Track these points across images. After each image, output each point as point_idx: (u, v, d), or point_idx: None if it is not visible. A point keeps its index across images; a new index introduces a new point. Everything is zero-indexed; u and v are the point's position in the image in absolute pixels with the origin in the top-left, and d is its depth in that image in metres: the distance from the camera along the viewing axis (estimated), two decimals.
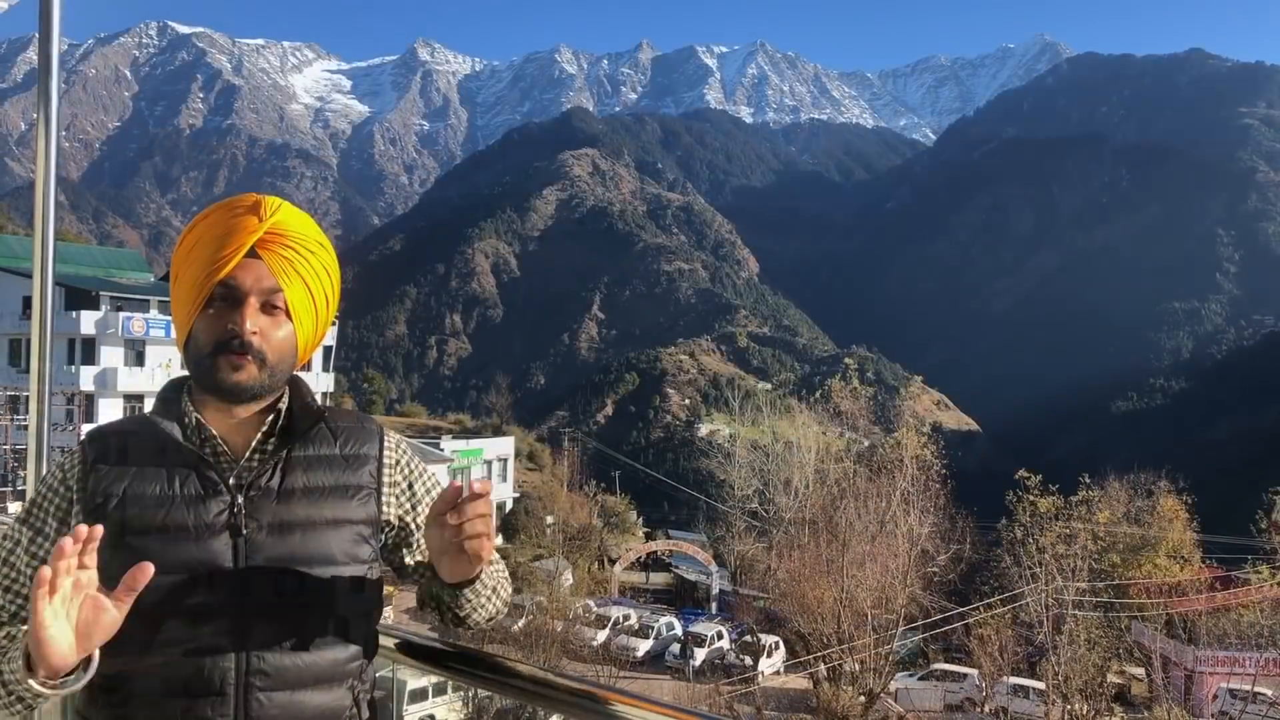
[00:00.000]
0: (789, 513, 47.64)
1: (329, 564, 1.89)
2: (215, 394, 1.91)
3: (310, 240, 1.95)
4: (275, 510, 1.88)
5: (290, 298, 1.91)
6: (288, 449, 1.95)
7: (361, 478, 2.00)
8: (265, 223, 1.87)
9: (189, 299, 1.89)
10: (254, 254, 1.87)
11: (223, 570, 1.82)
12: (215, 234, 1.87)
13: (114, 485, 1.87)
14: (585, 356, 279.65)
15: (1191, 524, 43.74)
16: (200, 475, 1.88)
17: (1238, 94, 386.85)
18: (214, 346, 1.87)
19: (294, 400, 2.01)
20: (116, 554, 1.77)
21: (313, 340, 2.02)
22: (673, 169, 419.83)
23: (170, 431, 1.91)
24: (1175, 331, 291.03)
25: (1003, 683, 32.58)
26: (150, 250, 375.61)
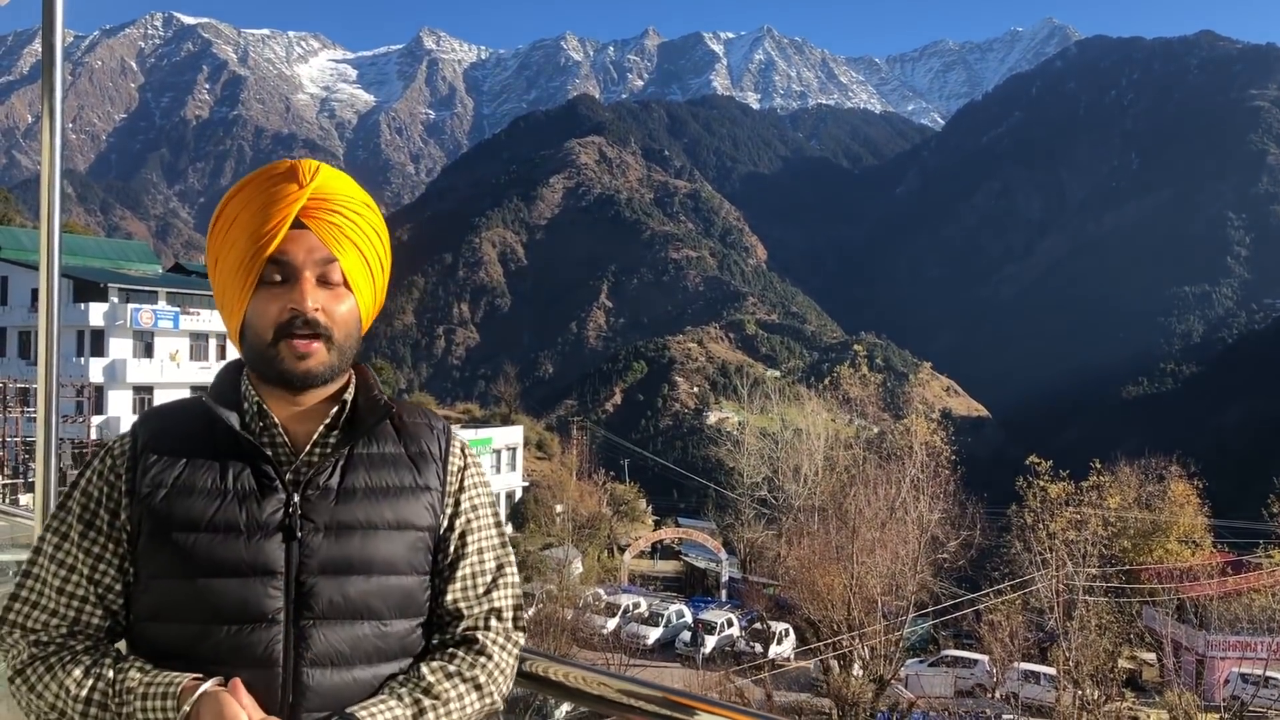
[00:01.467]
0: (798, 500, 47.65)
1: (389, 572, 1.77)
2: (283, 385, 1.78)
3: (355, 202, 1.80)
4: (334, 511, 1.75)
5: (346, 267, 1.76)
6: (351, 445, 1.82)
7: (427, 479, 1.87)
8: (307, 188, 1.72)
9: (236, 283, 1.74)
10: (299, 224, 1.72)
11: (274, 575, 1.71)
12: (254, 207, 1.72)
13: (164, 474, 1.75)
14: (593, 345, 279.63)
15: (1202, 509, 43.61)
16: (256, 469, 1.76)
17: (1248, 76, 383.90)
18: (275, 331, 1.73)
19: (360, 392, 1.87)
20: (161, 550, 1.71)
21: (373, 310, 1.88)
22: (680, 156, 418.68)
23: (227, 419, 1.77)
24: (1185, 316, 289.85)
25: (1013, 668, 32.55)
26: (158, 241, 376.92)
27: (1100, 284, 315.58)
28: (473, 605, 1.88)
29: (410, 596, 1.80)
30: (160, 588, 1.72)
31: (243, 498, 1.73)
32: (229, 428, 1.77)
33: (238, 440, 1.77)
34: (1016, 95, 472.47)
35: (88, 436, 45.92)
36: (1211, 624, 35.85)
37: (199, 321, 57.43)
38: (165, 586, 1.72)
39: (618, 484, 70.48)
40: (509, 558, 1.97)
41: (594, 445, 78.18)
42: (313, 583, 1.71)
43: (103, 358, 53.32)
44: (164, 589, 1.72)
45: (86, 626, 1.76)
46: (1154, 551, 40.88)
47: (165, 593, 1.72)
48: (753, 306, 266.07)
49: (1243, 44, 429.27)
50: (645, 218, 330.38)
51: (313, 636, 1.70)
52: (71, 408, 47.03)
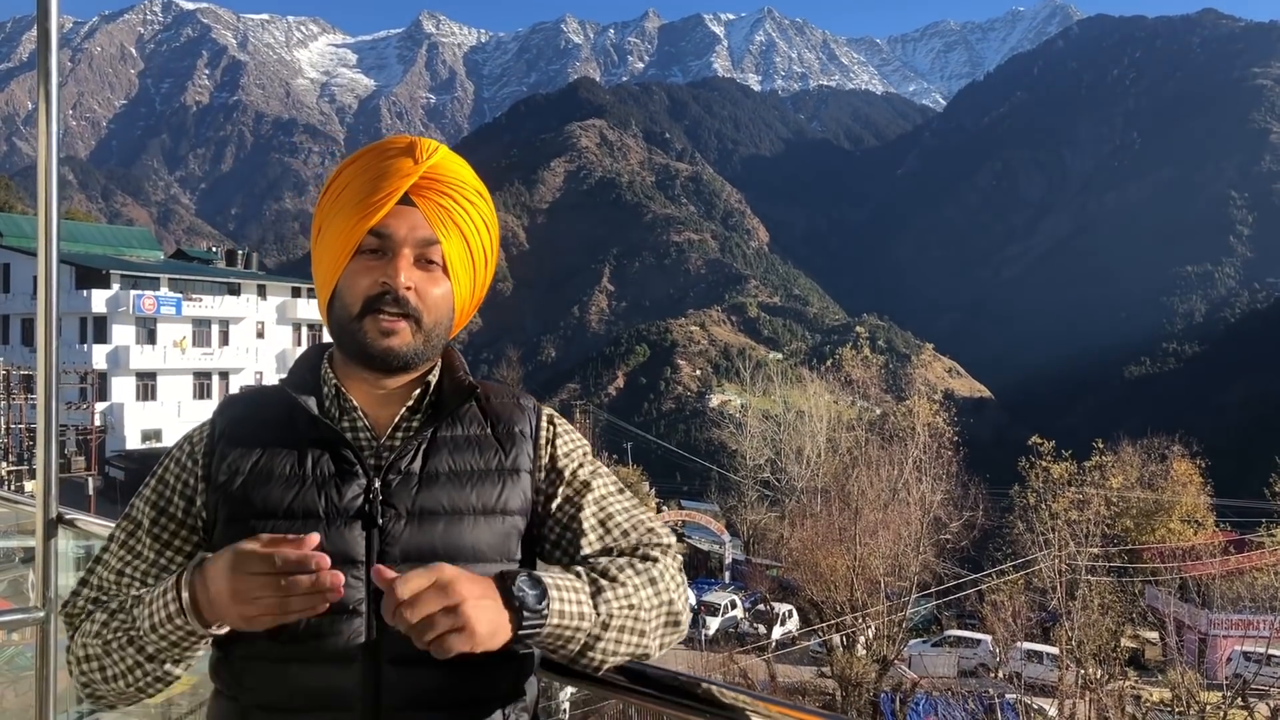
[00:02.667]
0: (801, 482, 47.70)
1: (476, 559, 1.67)
2: (363, 362, 1.72)
3: (469, 188, 1.78)
4: (416, 497, 1.69)
5: (448, 251, 1.73)
6: (434, 428, 1.76)
7: (517, 460, 1.78)
8: (421, 165, 1.70)
9: (334, 251, 1.71)
10: (408, 201, 1.69)
11: (354, 563, 1.64)
12: (366, 178, 1.69)
13: (241, 461, 1.71)
14: (595, 329, 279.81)
15: (1205, 488, 43.65)
16: (335, 454, 1.71)
17: (1251, 54, 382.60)
18: (363, 304, 1.68)
19: (444, 374, 1.82)
20: (239, 538, 1.58)
21: (470, 304, 1.84)
22: (681, 139, 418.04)
23: (305, 404, 1.74)
24: (1188, 295, 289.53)
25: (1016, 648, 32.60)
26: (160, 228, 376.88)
27: (1102, 263, 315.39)
28: (618, 541, 1.77)
29: (526, 571, 1.64)
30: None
31: (322, 484, 1.68)
32: (308, 413, 1.73)
33: (317, 425, 1.73)
34: (1018, 75, 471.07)
35: (91, 423, 46.03)
36: (1214, 603, 35.91)
37: (201, 308, 57.46)
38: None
39: (621, 467, 70.52)
40: (639, 504, 1.87)
41: (597, 429, 78.18)
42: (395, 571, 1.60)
43: (105, 344, 53.41)
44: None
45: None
46: (1156, 531, 40.96)
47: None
48: (755, 289, 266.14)
49: (1245, 22, 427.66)
50: (647, 200, 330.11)
51: (393, 633, 1.54)
52: (74, 394, 47.13)
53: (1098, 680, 27.48)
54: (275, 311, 62.30)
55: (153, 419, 54.55)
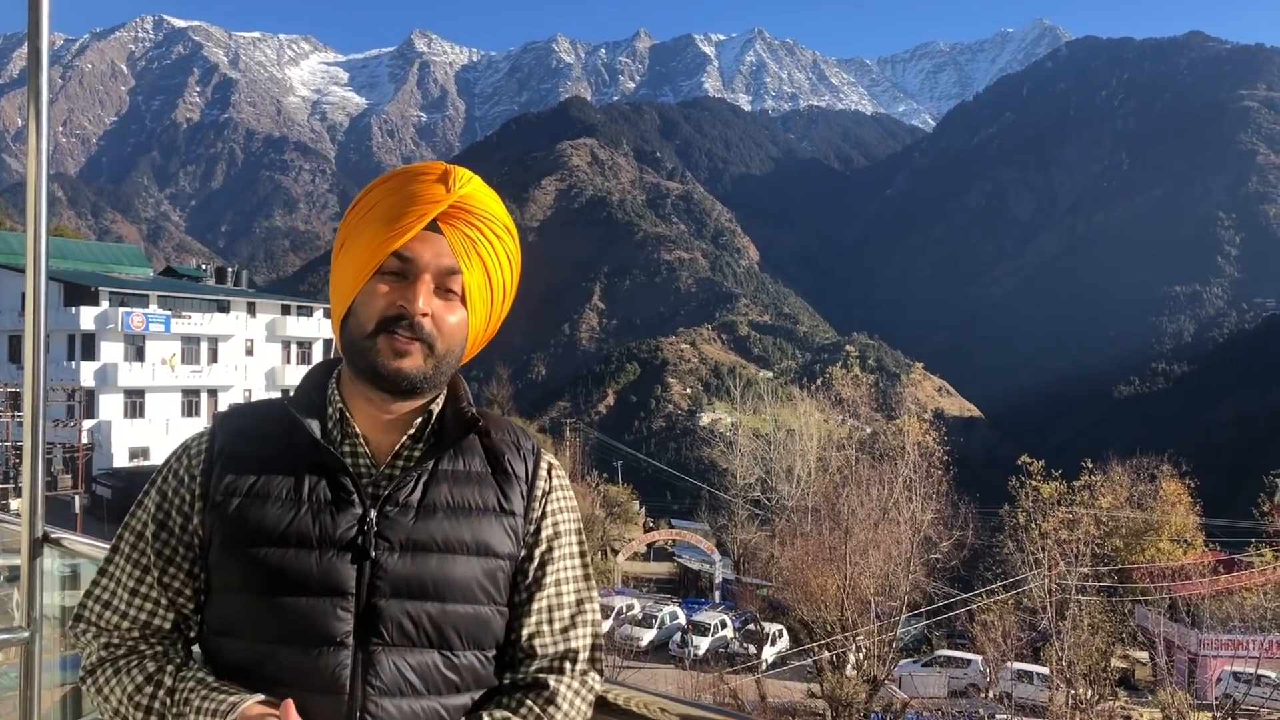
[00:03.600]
0: (791, 501, 47.62)
1: (465, 600, 1.69)
2: (372, 381, 1.70)
3: (498, 222, 1.77)
4: (411, 529, 1.68)
5: (469, 281, 1.72)
6: (434, 460, 1.74)
7: (512, 502, 1.78)
8: (453, 194, 1.69)
9: (356, 268, 1.69)
10: (434, 228, 1.69)
11: (344, 595, 1.64)
12: (396, 199, 1.69)
13: (239, 481, 1.70)
14: (586, 347, 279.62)
15: (1194, 508, 43.74)
16: (333, 481, 1.70)
17: (1237, 76, 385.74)
18: (377, 324, 1.67)
19: (448, 404, 1.81)
20: (232, 562, 1.67)
21: (483, 335, 1.84)
22: (672, 158, 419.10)
23: (308, 425, 1.72)
24: (1176, 315, 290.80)
25: (1006, 668, 32.59)
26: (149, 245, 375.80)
27: (1091, 284, 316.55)
28: (547, 644, 1.79)
29: (484, 627, 1.72)
30: (229, 602, 1.69)
31: (317, 511, 1.67)
32: (309, 435, 1.71)
33: (317, 449, 1.71)
34: (1007, 96, 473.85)
35: (78, 441, 45.76)
36: (1203, 623, 35.90)
37: (190, 325, 57.27)
38: (234, 601, 1.68)
39: (611, 486, 70.46)
40: (590, 592, 1.88)
41: (587, 447, 78.11)
42: (384, 605, 1.65)
43: (94, 361, 53.16)
44: (233, 604, 1.68)
45: (158, 631, 1.74)
46: (1146, 550, 40.98)
47: (234, 608, 1.68)
48: (745, 307, 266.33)
49: (1231, 44, 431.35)
50: (637, 219, 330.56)
51: (380, 663, 1.64)
52: (62, 412, 46.83)
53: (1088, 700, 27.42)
54: (264, 329, 62.13)
55: (141, 437, 54.29)
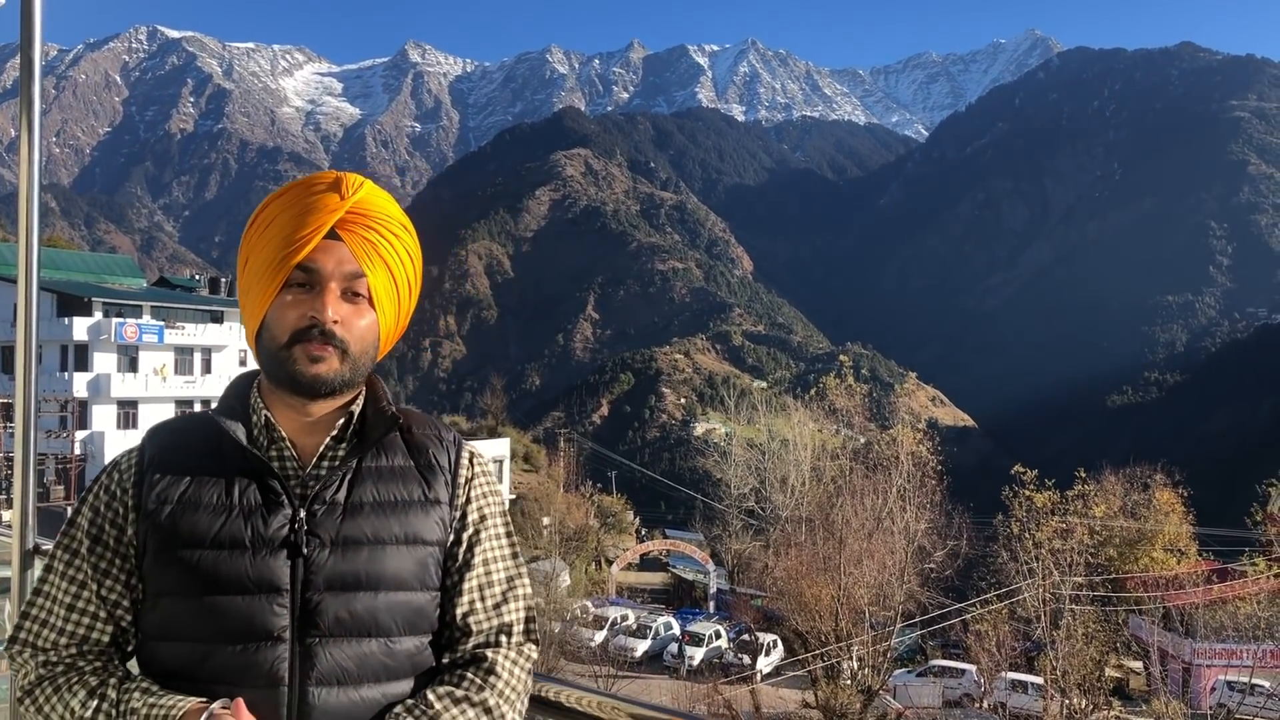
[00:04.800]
0: (786, 511, 47.60)
1: (398, 588, 1.75)
2: (291, 389, 1.75)
3: (394, 222, 1.80)
4: (340, 526, 1.73)
5: (374, 284, 1.76)
6: (358, 458, 1.80)
7: (437, 492, 1.84)
8: (347, 201, 1.72)
9: (262, 284, 1.73)
10: (334, 235, 1.72)
11: (279, 592, 1.69)
12: (292, 213, 1.72)
13: (170, 490, 1.74)
14: (580, 357, 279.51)
15: (1188, 517, 43.73)
16: (262, 484, 1.74)
17: (1229, 87, 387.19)
18: (291, 336, 1.71)
19: (368, 404, 1.86)
20: (167, 567, 1.71)
21: (394, 332, 1.88)
22: (665, 168, 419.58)
23: (234, 432, 1.76)
24: (1169, 325, 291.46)
25: (1001, 678, 32.55)
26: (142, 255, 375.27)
27: (1084, 293, 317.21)
28: (482, 621, 1.85)
29: (419, 613, 1.78)
30: (166, 606, 1.71)
31: (248, 513, 1.71)
32: (236, 442, 1.75)
33: (245, 455, 1.75)
34: (999, 106, 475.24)
35: (71, 452, 45.65)
36: (1197, 632, 35.92)
37: (184, 336, 57.15)
38: (171, 604, 1.70)
39: (605, 496, 70.42)
40: (520, 569, 1.94)
41: (581, 457, 78.10)
42: (318, 599, 1.69)
43: (86, 372, 52.98)
44: (170, 607, 1.71)
45: (96, 644, 1.75)
46: (1140, 560, 40.97)
47: (171, 611, 1.70)
48: (739, 317, 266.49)
49: (1223, 55, 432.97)
50: (631, 229, 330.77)
51: (319, 654, 1.68)
52: (55, 423, 46.73)
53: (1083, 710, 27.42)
54: None
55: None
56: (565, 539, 55.80)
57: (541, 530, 57.67)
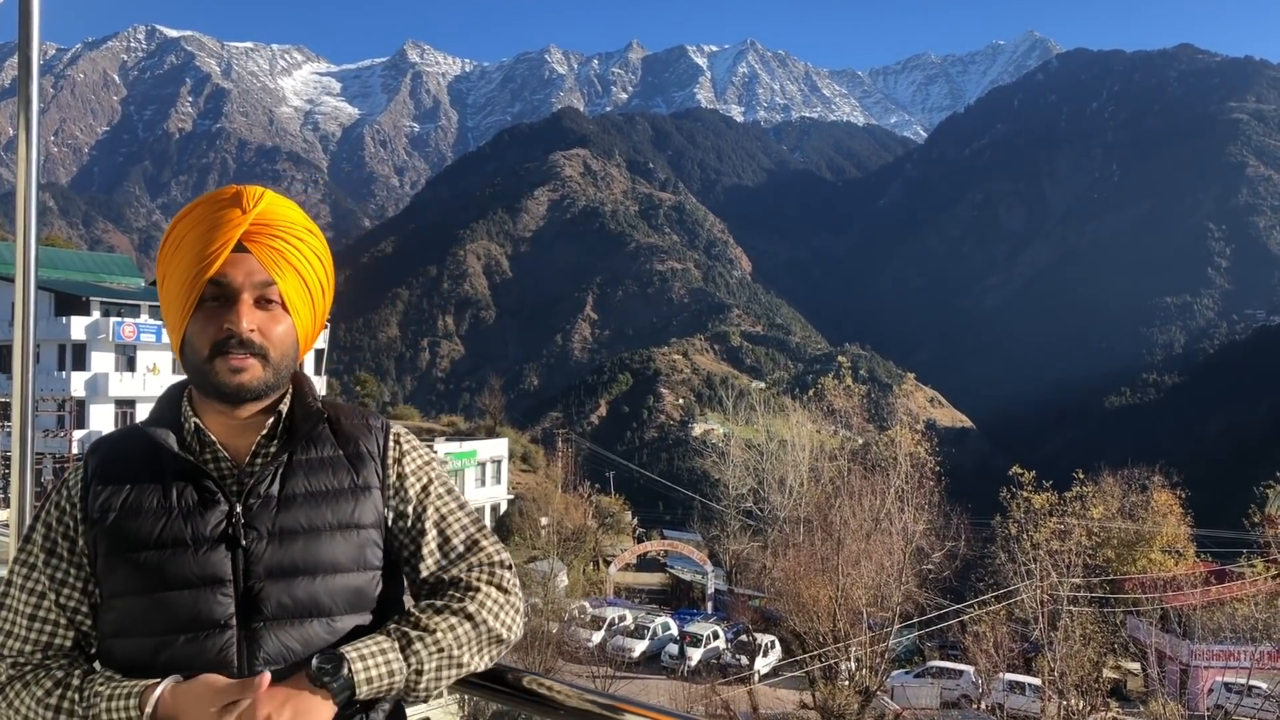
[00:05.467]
0: (784, 511, 47.63)
1: (335, 571, 1.83)
2: (219, 398, 1.83)
3: (298, 228, 1.85)
4: (276, 518, 1.82)
5: (285, 290, 1.82)
6: (289, 453, 1.88)
7: (367, 478, 1.92)
8: (250, 214, 1.78)
9: (179, 301, 1.81)
10: (241, 248, 1.78)
11: (223, 583, 1.77)
12: (199, 231, 1.78)
13: (113, 498, 1.82)
14: (578, 357, 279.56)
15: (1185, 518, 43.73)
16: (198, 485, 1.83)
17: (1227, 89, 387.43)
18: (211, 349, 1.78)
19: (295, 401, 1.94)
20: (116, 570, 1.78)
21: (312, 332, 1.93)
22: (664, 168, 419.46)
23: (165, 440, 1.84)
24: (1167, 326, 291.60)
25: (999, 679, 32.54)
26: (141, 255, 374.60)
27: (1082, 294, 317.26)
28: (451, 567, 1.93)
29: (359, 593, 1.85)
30: (120, 605, 1.79)
31: (187, 513, 1.79)
32: (169, 448, 1.83)
33: (178, 459, 1.83)
34: (998, 107, 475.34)
35: (69, 451, 45.58)
36: (1195, 633, 35.92)
37: None
38: (124, 604, 1.78)
39: (603, 496, 70.32)
40: (478, 520, 2.01)
41: (579, 457, 78.08)
42: (260, 587, 1.77)
43: (84, 371, 52.94)
44: (123, 606, 1.79)
45: (60, 650, 1.83)
46: (1138, 561, 40.98)
47: (124, 610, 1.79)
48: (737, 318, 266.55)
49: (1221, 57, 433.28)
50: (630, 230, 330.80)
51: (264, 638, 1.77)
52: (52, 422, 46.67)
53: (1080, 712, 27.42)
54: None
55: None
56: (563, 539, 55.72)
57: (539, 530, 57.63)
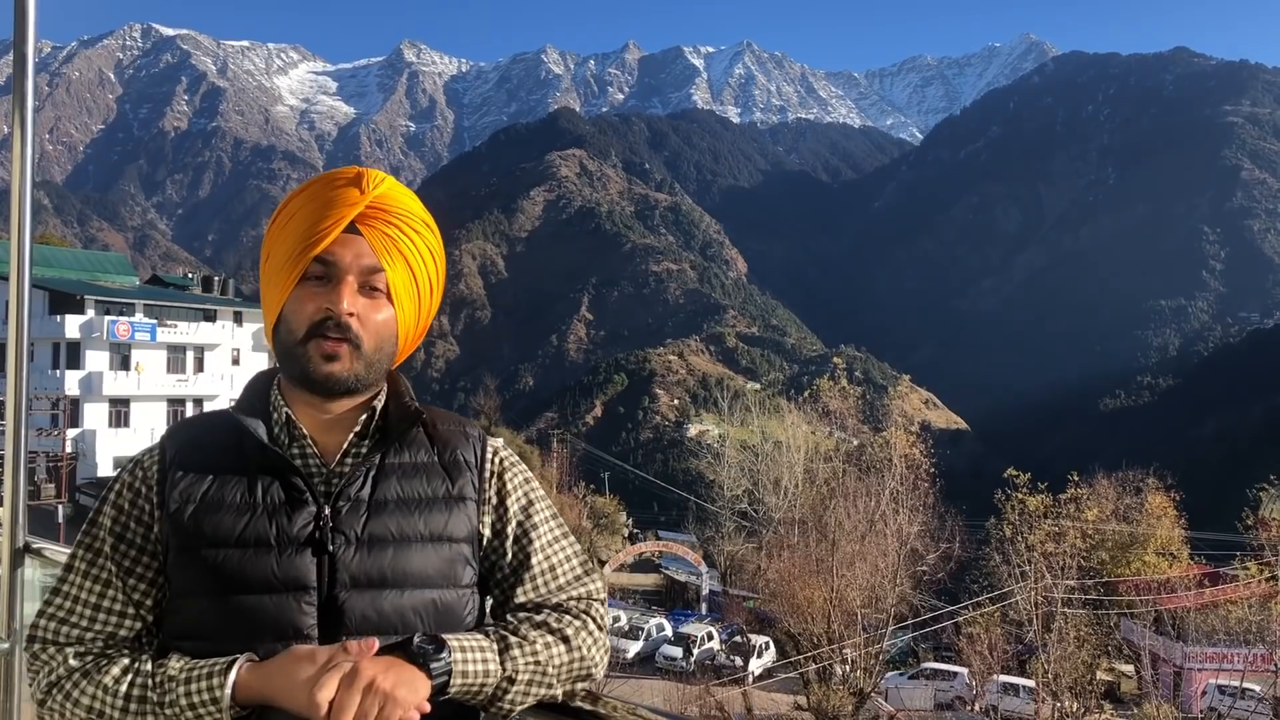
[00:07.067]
0: (778, 513, 47.63)
1: (424, 586, 1.73)
2: (306, 386, 1.76)
3: (415, 219, 1.79)
4: (366, 524, 1.72)
5: (392, 279, 1.75)
6: (381, 454, 1.79)
7: (462, 489, 1.82)
8: (368, 195, 1.72)
9: (281, 276, 1.74)
10: (354, 229, 1.72)
11: (306, 590, 1.68)
12: (313, 206, 1.73)
13: (193, 489, 1.73)
14: (574, 358, 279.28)
15: (1179, 521, 43.82)
16: (285, 482, 1.74)
17: (1222, 92, 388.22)
18: (307, 330, 1.71)
19: (391, 399, 1.84)
20: (190, 567, 1.70)
21: (414, 331, 1.85)
22: (660, 169, 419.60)
23: (255, 430, 1.76)
24: (1162, 329, 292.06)
25: (993, 681, 32.57)
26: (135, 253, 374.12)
27: (1077, 297, 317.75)
28: (552, 597, 1.86)
29: (448, 611, 1.76)
30: (189, 605, 1.71)
31: (272, 512, 1.71)
32: (257, 440, 1.75)
33: (266, 452, 1.75)
34: (994, 110, 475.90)
35: (62, 450, 45.50)
36: (1189, 636, 35.98)
37: (176, 334, 56.99)
38: (195, 604, 1.70)
39: (598, 497, 70.31)
40: (581, 551, 1.95)
41: (574, 458, 77.95)
42: (345, 597, 1.69)
43: (79, 370, 52.81)
44: (193, 606, 1.70)
45: (123, 642, 1.74)
46: (1132, 564, 41.04)
47: (194, 610, 1.70)
48: (733, 319, 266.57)
49: (1216, 60, 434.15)
50: (626, 230, 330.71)
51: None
52: (46, 421, 46.55)
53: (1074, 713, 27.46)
54: (251, 338, 61.89)
55: (125, 446, 53.91)
56: None
57: None
